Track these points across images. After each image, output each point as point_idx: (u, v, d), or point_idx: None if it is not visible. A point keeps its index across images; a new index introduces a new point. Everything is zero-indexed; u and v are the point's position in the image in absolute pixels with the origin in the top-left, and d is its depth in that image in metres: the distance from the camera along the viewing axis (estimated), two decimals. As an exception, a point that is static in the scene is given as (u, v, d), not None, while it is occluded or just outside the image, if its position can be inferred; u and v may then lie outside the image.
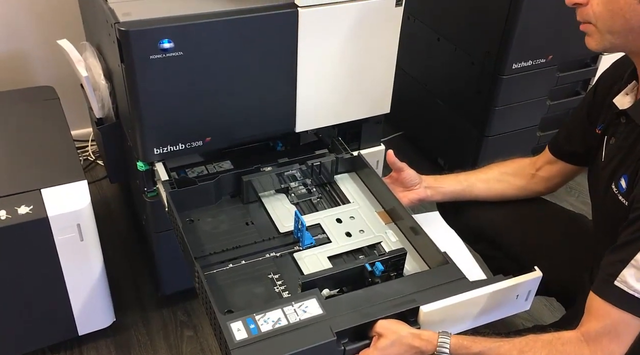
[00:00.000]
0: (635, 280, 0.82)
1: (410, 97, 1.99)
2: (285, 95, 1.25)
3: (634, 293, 0.82)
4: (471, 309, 0.99)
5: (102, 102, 1.33)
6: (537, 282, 1.02)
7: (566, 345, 0.88)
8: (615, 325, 0.85)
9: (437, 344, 0.90)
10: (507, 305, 1.03)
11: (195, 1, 1.17)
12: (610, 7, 0.85)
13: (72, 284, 1.23)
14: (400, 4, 1.25)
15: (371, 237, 1.15)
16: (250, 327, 0.89)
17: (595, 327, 0.87)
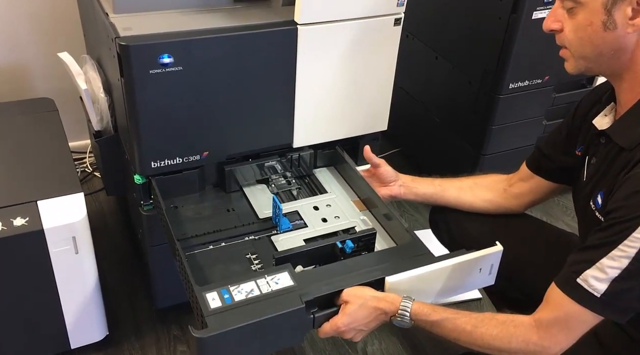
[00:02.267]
0: (596, 281, 0.85)
1: (408, 115, 2.00)
2: (283, 111, 1.26)
3: (593, 291, 0.86)
4: (436, 281, 1.05)
5: (100, 115, 1.33)
6: (498, 256, 1.07)
7: (518, 327, 0.93)
8: (568, 317, 0.89)
9: (399, 306, 0.97)
10: (472, 279, 1.08)
11: (195, 16, 1.18)
12: (580, 34, 0.89)
13: (65, 296, 1.23)
14: (398, 24, 1.27)
15: (346, 222, 1.24)
16: (224, 297, 0.96)
17: (549, 316, 0.91)
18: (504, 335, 0.93)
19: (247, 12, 1.21)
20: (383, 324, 1.01)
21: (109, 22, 1.12)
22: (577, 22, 0.89)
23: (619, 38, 0.87)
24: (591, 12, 0.87)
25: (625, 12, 0.85)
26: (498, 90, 1.62)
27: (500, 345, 0.94)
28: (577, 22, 0.89)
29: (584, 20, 0.88)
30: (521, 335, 0.92)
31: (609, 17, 0.86)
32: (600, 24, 0.87)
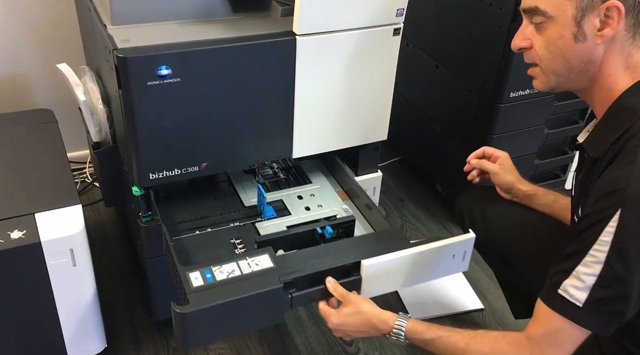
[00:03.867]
0: (576, 290, 0.85)
1: (409, 123, 1.99)
2: (282, 122, 1.26)
3: (575, 301, 0.85)
4: (410, 265, 1.09)
5: (99, 126, 1.33)
6: (471, 243, 1.13)
7: (510, 344, 0.94)
8: (556, 331, 0.89)
9: (394, 325, 1.00)
10: (445, 265, 1.14)
11: (193, 28, 1.18)
12: (551, 48, 0.91)
13: (63, 309, 1.22)
14: (397, 33, 1.26)
15: (328, 211, 1.31)
16: (206, 276, 1.02)
17: (538, 331, 0.91)
18: (497, 352, 0.94)
19: (245, 23, 1.21)
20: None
21: (107, 34, 1.12)
22: (548, 36, 0.91)
23: (589, 50, 0.89)
24: (562, 25, 0.88)
25: (593, 23, 0.87)
26: (499, 99, 1.61)
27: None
28: (548, 36, 0.91)
29: (555, 34, 0.90)
30: (513, 351, 0.93)
31: (579, 29, 0.88)
32: (570, 36, 0.89)
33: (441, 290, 1.63)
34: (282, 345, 1.45)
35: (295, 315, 1.53)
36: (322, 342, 1.47)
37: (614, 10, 0.85)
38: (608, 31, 0.87)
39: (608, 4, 0.85)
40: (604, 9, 0.86)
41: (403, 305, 1.57)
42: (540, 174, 1.87)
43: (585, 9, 0.86)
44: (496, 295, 1.36)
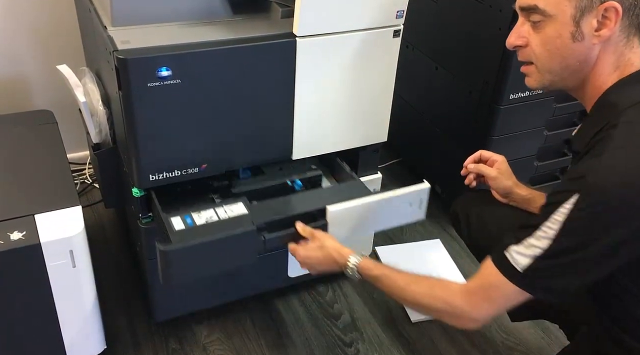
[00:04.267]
0: (520, 256, 0.90)
1: (409, 124, 1.99)
2: (282, 123, 1.26)
3: (515, 265, 0.91)
4: (372, 212, 1.22)
5: (99, 128, 1.33)
6: (426, 193, 1.25)
7: (445, 290, 1.01)
8: (492, 286, 0.94)
9: (349, 259, 1.11)
10: (404, 212, 1.26)
11: (194, 29, 1.18)
12: (548, 46, 0.92)
13: (63, 310, 1.22)
14: (397, 35, 1.27)
15: (300, 171, 1.37)
16: (187, 221, 1.15)
17: (476, 283, 0.98)
18: (431, 295, 1.01)
19: (245, 24, 1.21)
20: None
21: (107, 35, 1.12)
22: (545, 35, 0.92)
23: (585, 49, 0.91)
24: (560, 24, 0.90)
25: (591, 23, 0.88)
26: (498, 101, 1.61)
27: (426, 303, 1.02)
28: (545, 35, 0.92)
29: (553, 32, 0.91)
30: (447, 297, 0.99)
31: (577, 29, 0.89)
32: (569, 36, 0.90)
33: (441, 291, 1.63)
34: (282, 345, 1.45)
35: (294, 316, 1.53)
36: (322, 343, 1.47)
37: (612, 11, 0.87)
38: (605, 32, 0.88)
39: (606, 4, 0.86)
40: (603, 9, 0.87)
41: (403, 308, 1.57)
42: (540, 175, 1.87)
43: (584, 9, 0.88)
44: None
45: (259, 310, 1.54)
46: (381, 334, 1.51)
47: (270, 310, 1.55)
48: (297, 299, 1.58)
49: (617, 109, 0.88)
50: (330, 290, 1.62)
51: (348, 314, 1.56)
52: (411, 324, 1.53)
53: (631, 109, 0.87)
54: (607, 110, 0.90)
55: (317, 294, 1.60)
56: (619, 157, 0.83)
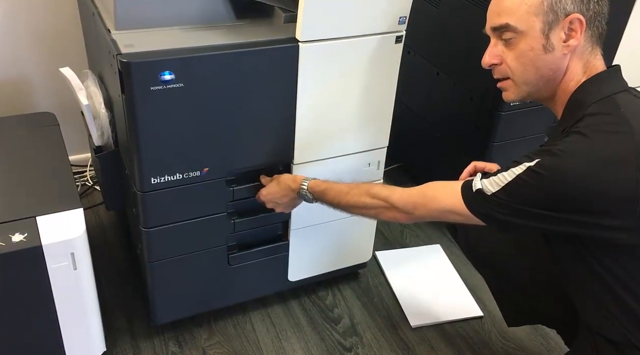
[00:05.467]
0: (478, 182, 1.00)
1: (410, 129, 1.99)
2: (284, 128, 1.26)
3: (473, 186, 1.01)
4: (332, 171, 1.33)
5: (101, 130, 1.33)
6: (383, 154, 1.41)
7: (383, 189, 1.15)
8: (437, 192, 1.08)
9: (301, 182, 1.26)
10: (363, 172, 1.40)
11: (197, 33, 1.18)
12: (522, 60, 1.00)
13: (63, 312, 1.22)
14: (400, 41, 1.27)
15: None
16: None
17: (420, 187, 1.11)
18: (370, 193, 1.15)
19: (248, 29, 1.22)
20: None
21: (111, 39, 1.12)
22: (519, 50, 0.99)
23: (557, 59, 0.99)
24: (532, 39, 0.98)
25: (559, 35, 0.97)
26: (499, 107, 1.61)
27: (365, 201, 1.15)
28: (519, 50, 0.99)
29: (526, 47, 0.98)
30: (383, 193, 1.13)
31: (547, 41, 0.97)
32: (541, 48, 0.98)
33: (440, 297, 1.63)
34: (282, 349, 1.45)
35: (294, 320, 1.53)
36: (322, 348, 1.47)
37: (576, 22, 0.96)
38: (573, 42, 0.97)
39: (571, 17, 0.95)
40: (568, 22, 0.96)
41: (403, 313, 1.57)
42: (540, 181, 1.87)
43: (552, 22, 0.96)
44: (495, 302, 1.37)
45: (259, 313, 1.54)
46: (381, 339, 1.51)
47: (270, 314, 1.55)
48: (297, 302, 1.58)
49: (584, 105, 0.96)
50: (330, 295, 1.62)
51: (348, 318, 1.56)
52: (411, 329, 1.53)
53: (595, 104, 0.95)
54: (575, 108, 0.98)
55: (317, 298, 1.60)
56: (584, 142, 0.91)
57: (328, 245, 1.51)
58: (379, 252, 1.76)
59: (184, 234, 1.30)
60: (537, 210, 0.94)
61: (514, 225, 0.97)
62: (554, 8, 0.96)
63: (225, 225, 1.34)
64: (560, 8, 0.95)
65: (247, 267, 1.43)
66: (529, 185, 0.93)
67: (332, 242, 1.51)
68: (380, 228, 1.84)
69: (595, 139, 0.91)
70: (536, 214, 0.94)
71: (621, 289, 0.97)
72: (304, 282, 1.54)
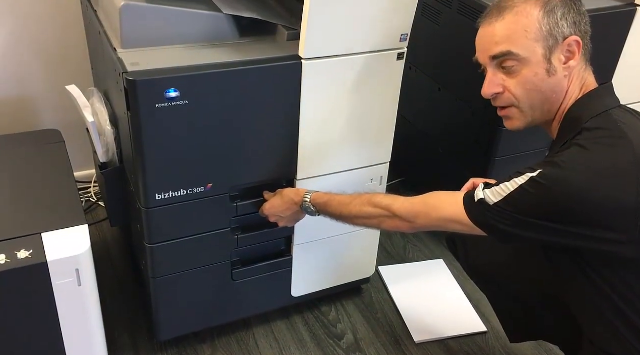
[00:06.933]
0: (481, 192, 1.00)
1: (412, 145, 2.00)
2: (287, 144, 1.27)
3: (475, 196, 1.01)
4: (335, 187, 1.31)
5: (106, 147, 1.34)
6: (385, 169, 1.42)
7: (385, 198, 1.15)
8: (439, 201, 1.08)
9: (304, 195, 1.26)
10: (365, 188, 1.39)
11: (202, 51, 1.20)
12: (528, 86, 1.01)
13: (67, 328, 1.22)
14: (401, 58, 1.29)
15: None
16: None
17: (422, 197, 1.11)
18: (372, 202, 1.15)
19: (252, 47, 1.23)
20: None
21: (117, 57, 1.14)
22: (523, 77, 1.01)
23: (560, 81, 1.01)
24: (535, 64, 0.99)
25: (559, 58, 1.00)
26: (501, 122, 1.61)
27: (368, 211, 1.15)
28: (523, 77, 1.01)
29: (530, 73, 1.00)
30: (385, 202, 1.13)
31: (550, 65, 0.99)
32: (544, 73, 1.00)
33: (444, 312, 1.63)
34: (285, 367, 1.45)
35: (298, 336, 1.53)
36: (325, 364, 1.46)
37: (574, 44, 0.99)
38: (572, 63, 1.00)
39: (569, 40, 0.98)
40: (567, 44, 0.99)
41: (406, 328, 1.57)
42: (543, 196, 1.88)
43: (552, 47, 0.99)
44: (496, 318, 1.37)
45: (262, 329, 1.54)
46: (384, 341, 1.50)
47: (273, 329, 1.55)
48: (300, 318, 1.58)
49: (582, 120, 0.98)
50: (334, 310, 1.62)
51: (351, 334, 1.55)
52: (415, 345, 1.53)
53: (593, 119, 0.97)
54: (573, 123, 1.00)
55: (320, 313, 1.60)
56: (585, 154, 0.92)
57: (331, 261, 1.51)
58: (382, 267, 1.76)
59: (188, 250, 1.30)
60: (538, 221, 0.94)
61: (515, 236, 0.97)
62: (552, 33, 0.98)
63: (229, 241, 1.35)
64: (558, 32, 0.98)
65: (250, 283, 1.43)
66: (531, 196, 0.94)
67: (335, 257, 1.51)
68: (383, 243, 1.84)
69: (595, 151, 0.92)
70: (537, 225, 0.94)
71: (622, 303, 0.97)
72: (307, 297, 1.54)
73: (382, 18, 1.21)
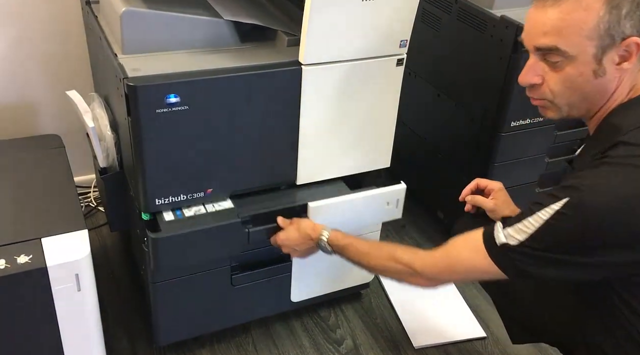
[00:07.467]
0: (501, 234, 0.94)
1: (411, 150, 2.01)
2: (287, 149, 1.28)
3: (496, 237, 0.94)
4: (351, 209, 1.31)
5: (106, 152, 1.34)
6: (402, 193, 1.37)
7: (405, 253, 1.08)
8: (461, 254, 1.00)
9: (321, 233, 1.22)
10: (381, 211, 1.36)
11: (202, 57, 1.20)
12: (568, 85, 0.93)
13: (66, 333, 1.22)
14: (401, 64, 1.29)
15: None
16: (177, 213, 1.23)
17: (443, 250, 1.03)
18: (393, 257, 1.08)
19: (252, 52, 1.24)
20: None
21: (118, 63, 1.14)
22: (565, 74, 0.92)
23: (607, 82, 0.92)
24: (582, 64, 0.91)
25: (613, 59, 0.90)
26: (500, 128, 1.63)
27: (387, 265, 1.09)
28: (565, 74, 0.92)
29: (574, 71, 0.91)
30: (407, 258, 1.07)
31: (599, 66, 0.90)
32: (590, 73, 0.91)
33: (443, 317, 1.63)
34: (284, 372, 1.45)
35: (297, 341, 1.53)
36: (324, 370, 1.46)
37: (633, 46, 0.89)
38: (626, 65, 0.90)
39: (629, 40, 0.88)
40: (625, 45, 0.89)
41: (406, 334, 1.57)
42: (542, 202, 1.88)
43: (606, 47, 0.89)
44: (498, 322, 1.36)
45: (261, 334, 1.54)
46: (383, 343, 1.50)
47: (272, 334, 1.54)
48: (299, 323, 1.58)
49: (621, 131, 0.90)
50: (333, 315, 1.62)
51: (351, 339, 1.55)
52: (414, 350, 1.53)
53: (633, 131, 0.89)
54: (610, 132, 0.92)
55: (319, 318, 1.60)
56: (614, 176, 0.85)
57: (331, 266, 1.51)
58: (381, 272, 1.76)
59: (188, 254, 1.30)
60: (573, 257, 0.88)
61: (550, 276, 0.92)
62: (610, 32, 0.87)
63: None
64: (617, 32, 0.87)
65: (250, 288, 1.43)
66: (559, 231, 0.87)
67: (334, 262, 1.50)
68: (383, 248, 1.84)
69: (627, 174, 0.85)
70: (573, 262, 0.88)
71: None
72: (306, 302, 1.54)
73: (382, 24, 1.21)
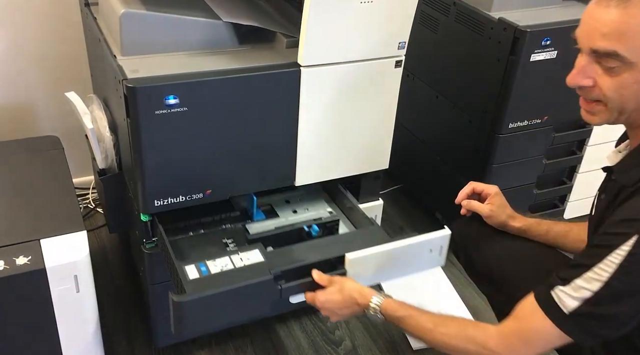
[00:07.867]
0: (568, 297, 0.88)
1: (409, 152, 2.01)
2: (286, 150, 1.28)
3: (562, 307, 0.88)
4: (391, 259, 1.16)
5: (105, 154, 1.35)
6: (447, 239, 1.20)
7: (477, 330, 0.97)
8: (532, 329, 0.91)
9: (371, 299, 1.05)
10: (424, 259, 1.21)
11: (201, 58, 1.21)
12: (623, 91, 0.88)
13: (65, 335, 1.22)
14: (399, 66, 1.30)
15: (314, 213, 1.37)
16: (201, 269, 1.09)
17: (513, 324, 0.94)
18: (463, 337, 0.97)
19: (251, 54, 1.24)
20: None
21: (117, 64, 1.15)
22: (622, 80, 0.87)
23: None
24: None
25: None
26: (498, 130, 1.63)
27: (457, 345, 0.97)
28: (622, 80, 0.87)
29: (630, 78, 0.86)
30: (480, 338, 0.95)
31: None
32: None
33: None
34: (283, 373, 1.45)
35: (296, 343, 1.53)
36: (323, 371, 1.46)
37: None
38: None
39: None
40: None
41: (404, 336, 1.57)
42: (539, 203, 1.89)
43: None
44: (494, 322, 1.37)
45: (260, 336, 1.54)
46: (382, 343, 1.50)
47: (271, 336, 1.55)
48: (298, 325, 1.58)
49: None
50: (332, 317, 1.62)
51: (349, 340, 1.55)
52: (412, 352, 1.53)
53: None
54: None
55: (318, 320, 1.60)
56: None
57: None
58: (380, 274, 1.76)
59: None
60: None
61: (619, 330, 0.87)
62: None
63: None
64: None
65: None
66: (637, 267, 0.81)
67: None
68: (381, 250, 1.85)
69: None
70: None
71: None
72: (305, 304, 1.54)
73: (381, 26, 1.22)
